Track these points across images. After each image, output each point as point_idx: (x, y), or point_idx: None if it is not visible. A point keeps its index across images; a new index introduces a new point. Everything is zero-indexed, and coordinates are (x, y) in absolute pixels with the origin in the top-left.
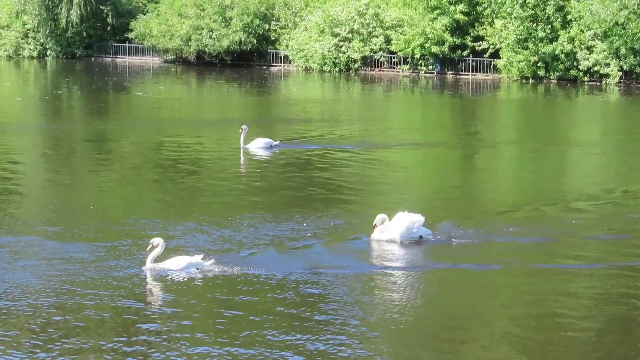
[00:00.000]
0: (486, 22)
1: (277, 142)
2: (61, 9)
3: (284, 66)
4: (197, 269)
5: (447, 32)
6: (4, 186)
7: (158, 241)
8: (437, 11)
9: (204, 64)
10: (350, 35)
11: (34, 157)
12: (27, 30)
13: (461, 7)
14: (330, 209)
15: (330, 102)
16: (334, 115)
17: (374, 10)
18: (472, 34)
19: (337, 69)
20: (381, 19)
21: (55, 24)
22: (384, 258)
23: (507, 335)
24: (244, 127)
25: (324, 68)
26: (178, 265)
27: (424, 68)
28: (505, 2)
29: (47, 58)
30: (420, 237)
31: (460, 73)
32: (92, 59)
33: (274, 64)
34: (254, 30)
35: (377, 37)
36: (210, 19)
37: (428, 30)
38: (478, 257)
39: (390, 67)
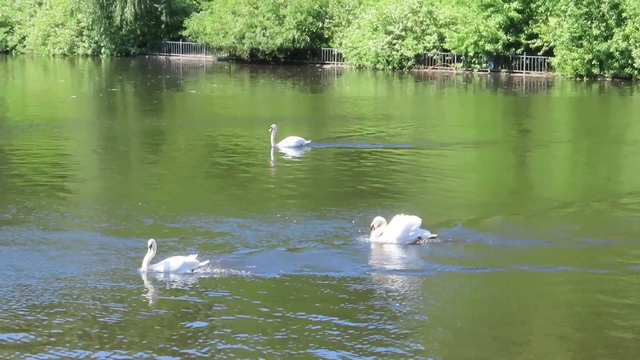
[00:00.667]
0: (540, 20)
1: (309, 141)
2: (115, 7)
3: (337, 64)
4: (192, 269)
5: (501, 29)
6: (57, 182)
7: (152, 242)
8: (491, 9)
9: (257, 62)
10: (403, 33)
11: (87, 154)
12: (82, 28)
13: (515, 4)
14: (373, 206)
15: (383, 100)
16: (387, 113)
17: (427, 7)
18: (526, 32)
19: (390, 67)
20: (435, 16)
21: (110, 22)
22: (419, 258)
23: (564, 336)
24: (273, 126)
25: (377, 66)
26: (173, 266)
27: (478, 66)
28: (559, 0)
29: (101, 56)
30: (419, 239)
31: (514, 71)
32: (146, 56)
33: (327, 62)
34: (308, 28)
35: (430, 34)
36: (263, 16)
37: (482, 28)
38: (531, 258)
39: (443, 65)
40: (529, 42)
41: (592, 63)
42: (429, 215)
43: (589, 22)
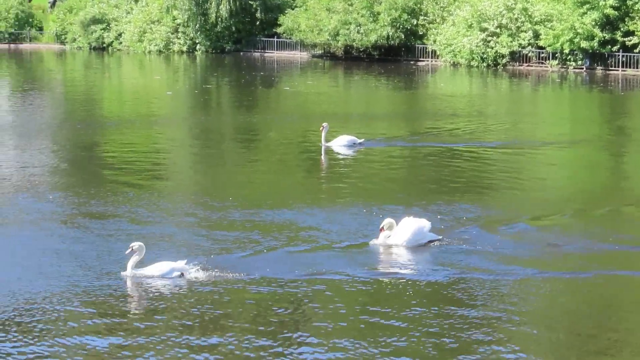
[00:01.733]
0: (637, 17)
1: (362, 140)
2: (211, 3)
3: (432, 61)
4: (182, 274)
5: (597, 27)
6: (149, 176)
7: (138, 246)
8: (587, 6)
9: (352, 59)
10: (498, 30)
11: (180, 149)
12: (177, 25)
13: (611, 1)
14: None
15: (476, 98)
16: (480, 110)
17: (522, 4)
18: (622, 29)
19: (484, 64)
20: (530, 13)
21: (205, 19)
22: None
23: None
24: (324, 124)
25: (472, 63)
26: (160, 270)
27: (573, 63)
28: None
29: (196, 52)
30: (429, 242)
31: (610, 68)
32: (241, 53)
33: (421, 59)
34: (402, 25)
35: (525, 32)
36: (358, 13)
37: (577, 25)
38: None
39: (538, 62)
40: (626, 39)
41: None
42: (489, 214)
43: None
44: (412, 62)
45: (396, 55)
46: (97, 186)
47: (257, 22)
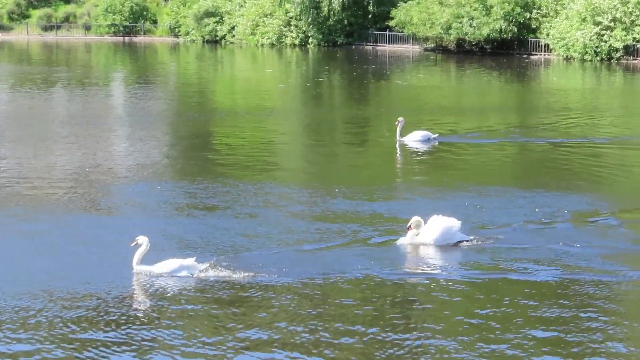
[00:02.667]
0: None
1: (436, 135)
2: None
3: (544, 55)
4: (191, 273)
5: None
6: (259, 166)
7: (143, 239)
8: None
9: (464, 53)
10: (612, 24)
11: (291, 140)
12: (290, 18)
13: None
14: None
15: (589, 92)
16: (593, 104)
17: None
18: None
19: (598, 58)
20: None
21: (317, 12)
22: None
23: None
24: (400, 119)
25: (585, 57)
26: (168, 268)
27: None
28: None
29: (308, 46)
30: (458, 242)
31: None
32: (353, 46)
33: (534, 53)
34: (515, 18)
35: None
36: (470, 7)
37: None
38: None
39: None
40: None
41: None
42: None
43: None
44: (524, 56)
45: (508, 49)
46: (206, 176)
47: (369, 15)
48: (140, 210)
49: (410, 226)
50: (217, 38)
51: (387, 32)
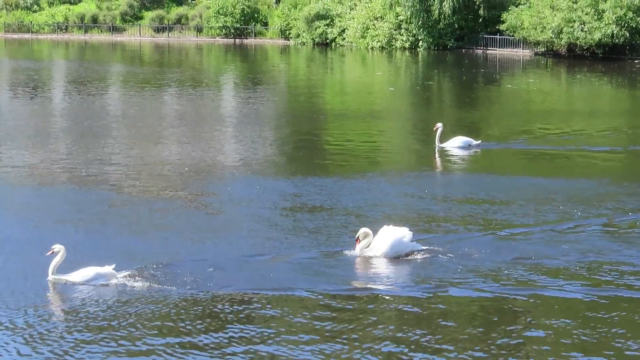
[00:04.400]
0: None
1: (479, 142)
2: (434, 0)
3: None
4: (108, 280)
5: None
6: (365, 168)
7: (59, 248)
8: None
9: (575, 57)
10: None
11: (397, 142)
12: (400, 21)
13: None
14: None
15: None
16: None
17: None
18: None
19: None
20: None
21: (428, 16)
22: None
23: None
24: (439, 125)
25: None
26: (84, 276)
27: None
28: None
29: (418, 49)
30: (409, 253)
31: None
32: (463, 50)
33: None
34: (627, 23)
35: None
36: (582, 11)
37: None
38: None
39: None
40: None
41: None
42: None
43: None
44: (636, 61)
45: (620, 54)
46: (311, 175)
47: (480, 19)
48: (240, 205)
49: (358, 238)
50: (328, 41)
51: (498, 36)
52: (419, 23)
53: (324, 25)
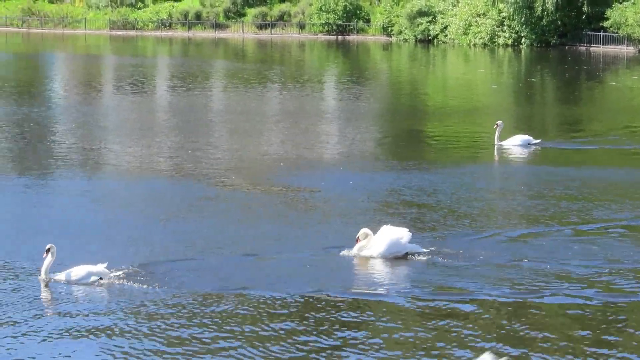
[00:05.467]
0: None
1: (539, 140)
2: None
3: None
4: (100, 278)
5: None
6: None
7: (51, 247)
8: None
9: None
10: None
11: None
12: (503, 18)
13: None
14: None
15: None
16: None
17: None
18: None
19: None
20: None
21: (531, 12)
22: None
23: None
24: (499, 122)
25: None
26: (76, 275)
27: None
28: None
29: (521, 46)
30: (407, 254)
31: None
32: (566, 47)
33: None
34: None
35: None
36: None
37: None
38: None
39: None
40: None
41: None
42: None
43: None
44: None
45: None
46: (407, 170)
47: (583, 16)
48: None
49: (358, 238)
50: (430, 37)
51: (601, 33)
52: (522, 20)
53: (426, 22)
